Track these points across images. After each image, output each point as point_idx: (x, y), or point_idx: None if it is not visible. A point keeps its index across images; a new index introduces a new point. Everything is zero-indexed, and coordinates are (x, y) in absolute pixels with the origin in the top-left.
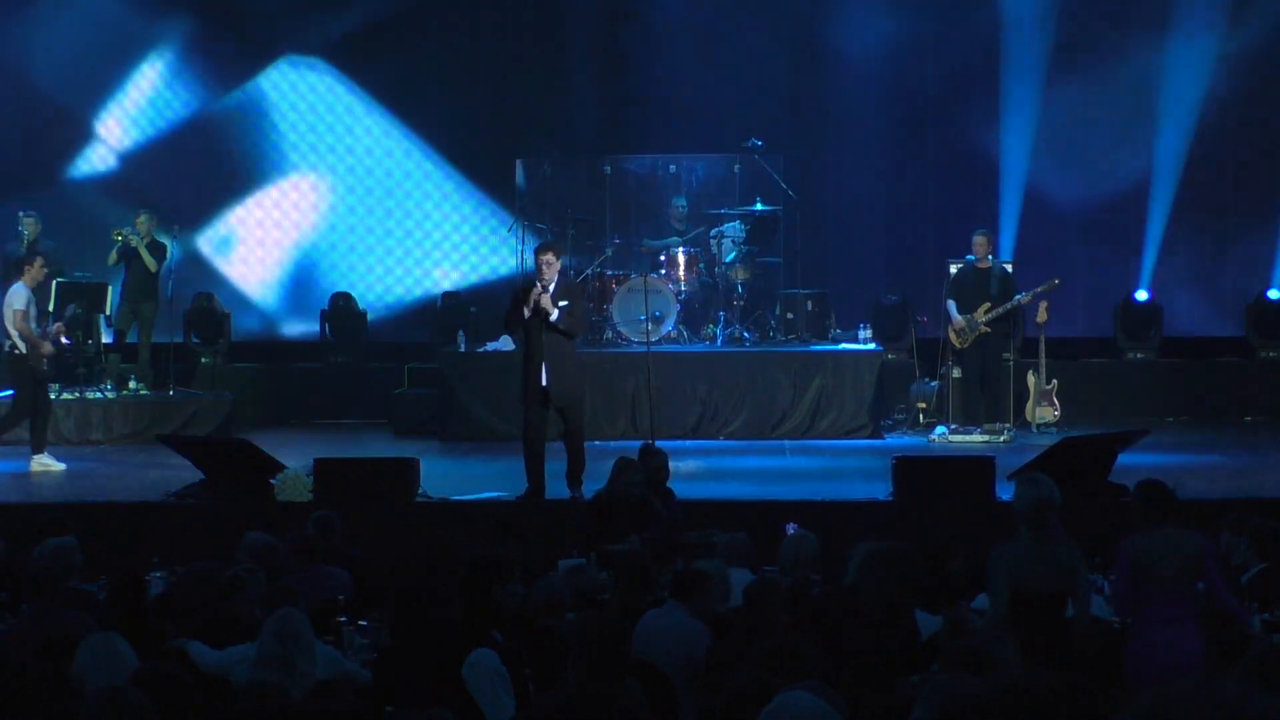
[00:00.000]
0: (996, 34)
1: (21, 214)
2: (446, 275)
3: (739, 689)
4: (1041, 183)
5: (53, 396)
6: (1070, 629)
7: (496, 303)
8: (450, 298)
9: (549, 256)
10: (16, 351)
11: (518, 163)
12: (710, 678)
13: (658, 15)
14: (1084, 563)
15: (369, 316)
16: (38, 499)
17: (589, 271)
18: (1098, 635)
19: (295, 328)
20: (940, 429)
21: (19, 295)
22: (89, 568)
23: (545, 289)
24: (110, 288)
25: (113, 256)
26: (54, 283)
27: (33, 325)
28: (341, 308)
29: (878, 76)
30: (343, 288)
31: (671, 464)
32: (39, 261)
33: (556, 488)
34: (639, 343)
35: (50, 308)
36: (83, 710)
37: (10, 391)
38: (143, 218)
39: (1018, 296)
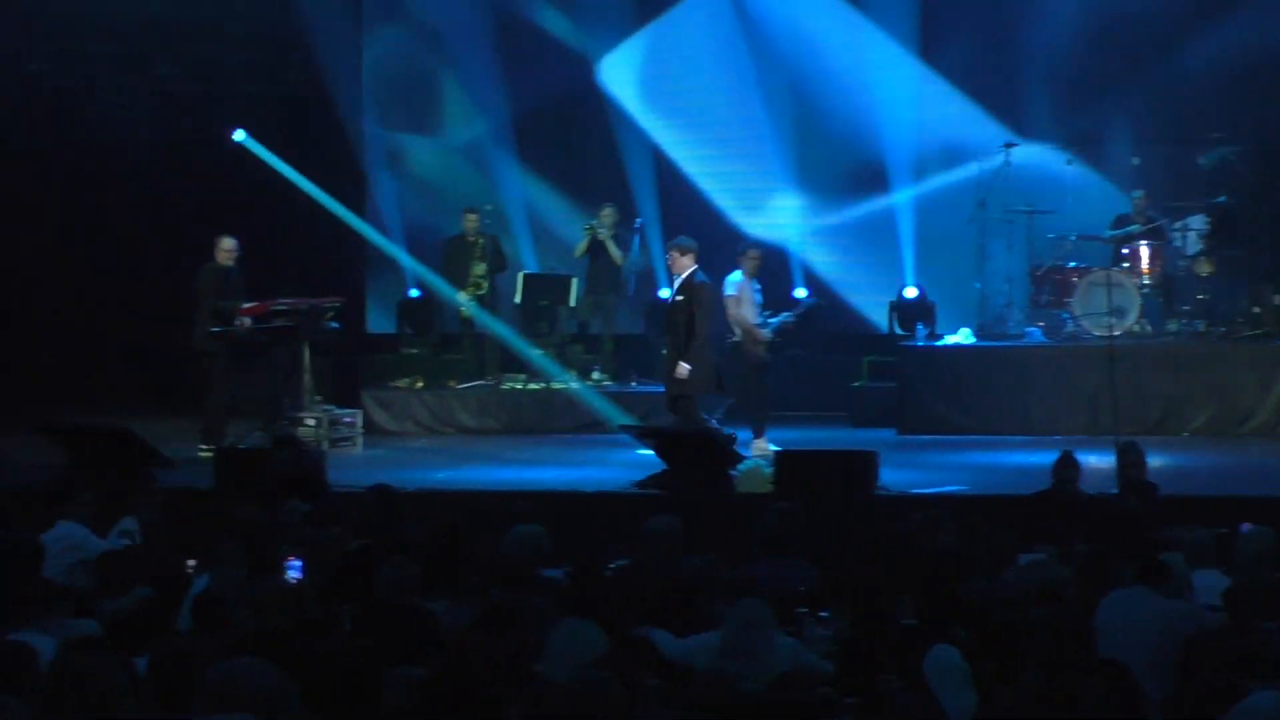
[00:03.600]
0: None
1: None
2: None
3: (1209, 686)
4: None
5: (518, 386)
6: None
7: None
8: (911, 291)
9: (672, 254)
10: (732, 340)
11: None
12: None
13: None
14: None
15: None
16: (507, 487)
17: (1047, 263)
18: None
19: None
20: None
21: (730, 283)
22: (556, 555)
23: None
24: (574, 280)
25: (581, 248)
26: (520, 275)
27: (744, 312)
28: (803, 301)
29: None
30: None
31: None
32: (752, 251)
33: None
34: (1100, 337)
35: (518, 300)
36: (555, 693)
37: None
38: (607, 210)
39: None
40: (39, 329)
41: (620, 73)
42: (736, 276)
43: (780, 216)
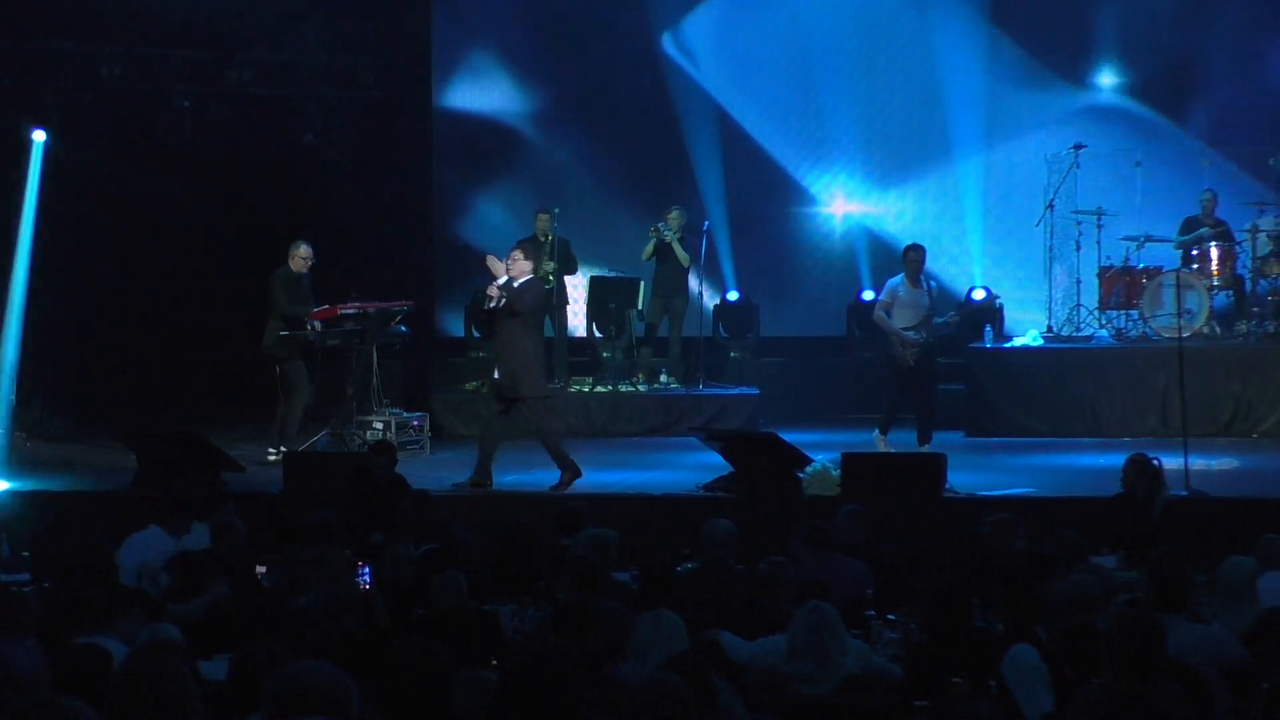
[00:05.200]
0: None
1: (538, 210)
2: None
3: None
4: None
5: (586, 389)
6: None
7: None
8: (979, 292)
9: (515, 253)
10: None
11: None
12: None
13: None
14: None
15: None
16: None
17: (1116, 265)
18: None
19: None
20: None
21: (885, 288)
22: (623, 558)
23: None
24: (641, 283)
25: (648, 251)
26: (588, 277)
27: (893, 317)
28: (869, 303)
29: None
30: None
31: (1204, 463)
32: (910, 253)
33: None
34: (1169, 338)
35: (586, 302)
36: (626, 696)
37: None
38: (674, 213)
39: None
40: (116, 335)
41: (687, 45)
42: (894, 280)
43: (850, 206)
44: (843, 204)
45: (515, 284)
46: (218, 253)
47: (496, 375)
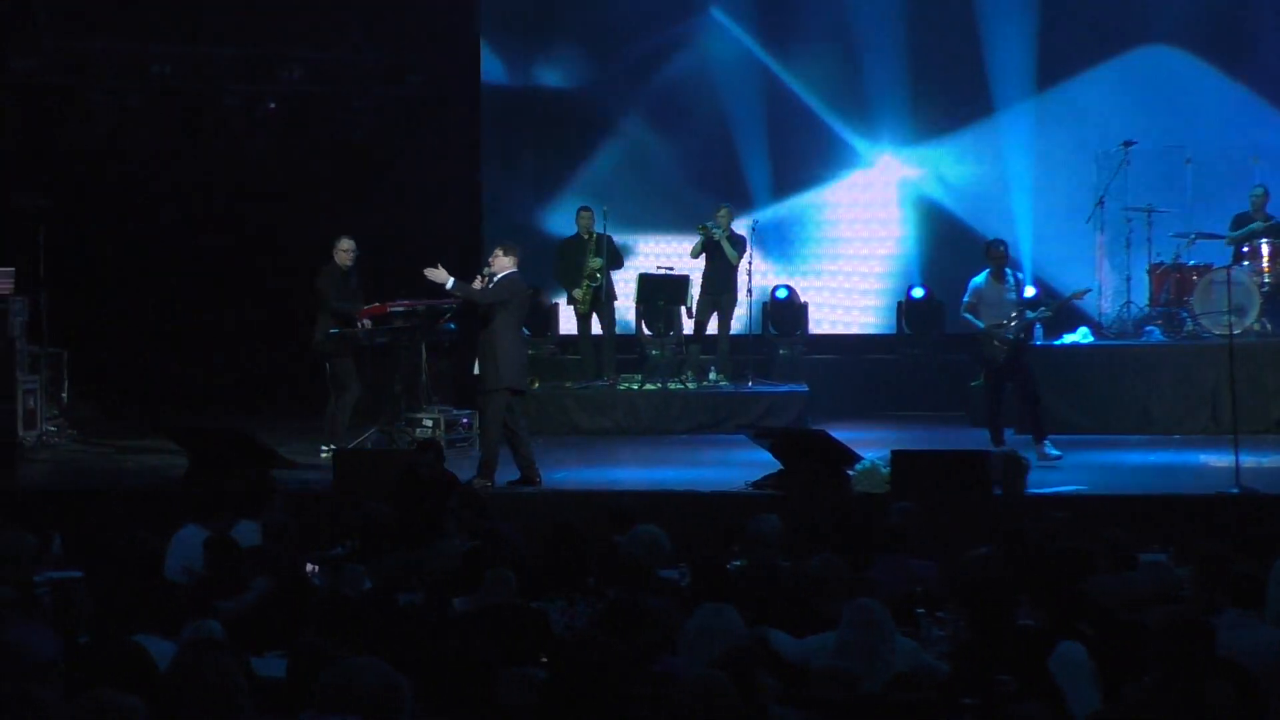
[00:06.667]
0: None
1: (580, 207)
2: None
3: None
4: None
5: (634, 387)
6: None
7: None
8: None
9: (496, 250)
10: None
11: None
12: None
13: None
14: None
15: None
16: (623, 488)
17: (1167, 262)
18: None
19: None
20: None
21: (969, 288)
22: (672, 556)
23: (488, 276)
24: (690, 280)
25: (696, 249)
26: (637, 275)
27: (980, 314)
28: (919, 301)
29: None
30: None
31: (1255, 460)
32: (993, 249)
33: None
34: (1220, 335)
35: (635, 300)
36: (673, 692)
37: None
38: (723, 211)
39: None
40: (167, 332)
41: (736, 14)
42: (978, 278)
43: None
44: (899, 183)
45: (494, 280)
46: (268, 250)
47: (476, 370)
